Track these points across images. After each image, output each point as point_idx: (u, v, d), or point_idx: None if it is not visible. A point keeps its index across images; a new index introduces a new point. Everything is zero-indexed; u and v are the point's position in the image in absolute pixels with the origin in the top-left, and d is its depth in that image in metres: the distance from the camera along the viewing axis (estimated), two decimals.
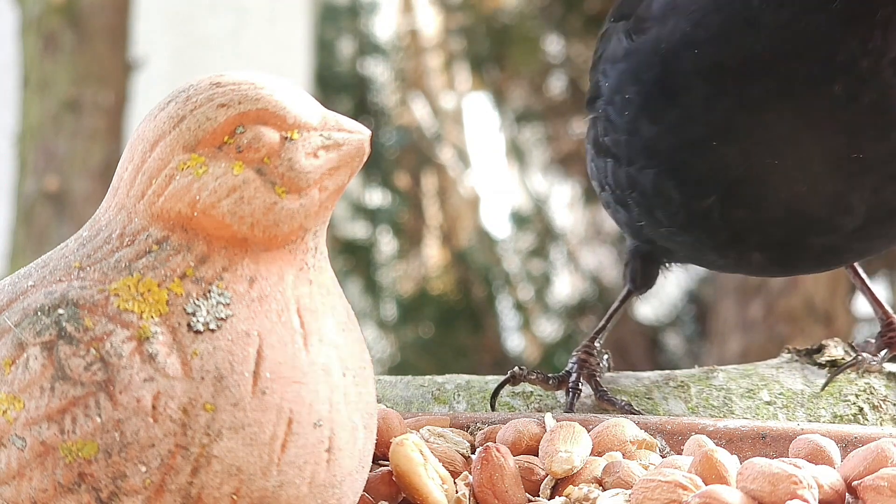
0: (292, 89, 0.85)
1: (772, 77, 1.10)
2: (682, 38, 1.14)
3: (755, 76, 1.10)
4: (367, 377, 0.86)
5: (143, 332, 0.80)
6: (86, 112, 3.41)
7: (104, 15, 3.46)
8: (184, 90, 0.84)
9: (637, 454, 0.99)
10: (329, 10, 5.46)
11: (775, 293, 3.75)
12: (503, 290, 5.33)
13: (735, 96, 1.11)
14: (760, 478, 0.86)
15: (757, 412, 1.20)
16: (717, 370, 1.25)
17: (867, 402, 1.22)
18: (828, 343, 1.28)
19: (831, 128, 1.10)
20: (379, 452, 0.93)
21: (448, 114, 5.54)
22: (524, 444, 1.00)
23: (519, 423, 1.01)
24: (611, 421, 1.02)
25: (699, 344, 4.89)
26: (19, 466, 0.80)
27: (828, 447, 0.97)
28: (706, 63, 1.12)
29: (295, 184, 0.83)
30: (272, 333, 0.82)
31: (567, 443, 0.97)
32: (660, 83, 1.15)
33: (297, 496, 0.82)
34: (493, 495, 0.92)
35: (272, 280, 0.83)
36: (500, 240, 5.48)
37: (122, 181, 0.84)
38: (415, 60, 5.59)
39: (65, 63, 3.42)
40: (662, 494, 0.88)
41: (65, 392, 0.79)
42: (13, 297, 0.83)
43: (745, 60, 1.11)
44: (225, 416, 0.80)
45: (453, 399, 1.21)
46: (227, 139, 0.83)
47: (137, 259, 0.82)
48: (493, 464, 0.93)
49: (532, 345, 5.39)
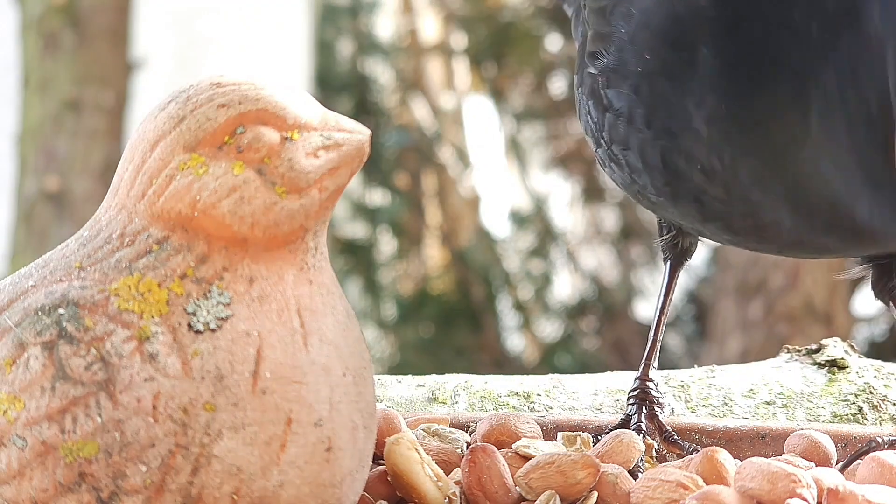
0: (292, 89, 0.85)
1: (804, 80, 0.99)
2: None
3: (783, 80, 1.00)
4: (367, 377, 0.86)
5: (143, 332, 0.80)
6: (86, 112, 3.41)
7: (104, 15, 3.47)
8: (184, 90, 0.84)
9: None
10: (329, 10, 5.46)
11: (775, 293, 3.75)
12: (503, 290, 5.33)
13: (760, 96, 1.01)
14: (759, 476, 0.86)
15: (756, 412, 1.20)
16: (716, 370, 1.25)
17: (867, 401, 1.22)
18: (827, 343, 1.28)
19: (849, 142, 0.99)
20: (379, 452, 0.93)
21: (448, 114, 5.54)
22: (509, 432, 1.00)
23: (499, 414, 1.01)
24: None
25: (699, 344, 4.89)
26: (20, 466, 0.80)
27: (824, 442, 0.97)
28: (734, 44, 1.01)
29: (295, 184, 0.83)
30: (272, 333, 0.82)
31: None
32: (683, 58, 1.04)
33: (298, 496, 0.82)
34: (484, 496, 0.92)
35: (272, 280, 0.83)
36: (500, 240, 5.48)
37: (122, 181, 0.85)
38: (415, 60, 5.59)
39: (65, 63, 3.42)
40: (663, 494, 0.88)
41: (65, 392, 0.79)
42: (14, 297, 0.83)
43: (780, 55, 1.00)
44: (225, 415, 0.80)
45: (453, 399, 1.21)
46: (227, 139, 0.83)
47: (138, 259, 0.82)
48: (480, 465, 0.93)
49: (532, 345, 5.39)
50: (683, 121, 1.05)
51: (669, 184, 1.07)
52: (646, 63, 1.06)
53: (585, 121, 1.14)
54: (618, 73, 1.08)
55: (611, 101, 1.09)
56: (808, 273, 3.70)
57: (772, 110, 1.01)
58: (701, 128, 1.04)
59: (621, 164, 1.10)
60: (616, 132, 1.09)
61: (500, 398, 1.21)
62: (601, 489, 0.92)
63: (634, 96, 1.07)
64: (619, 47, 1.08)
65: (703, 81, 1.03)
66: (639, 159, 1.08)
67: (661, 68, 1.05)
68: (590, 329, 5.37)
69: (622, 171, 1.11)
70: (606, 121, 1.10)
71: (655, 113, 1.06)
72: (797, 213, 1.03)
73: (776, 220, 1.04)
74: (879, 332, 4.89)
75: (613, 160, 1.11)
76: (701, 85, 1.03)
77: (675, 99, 1.05)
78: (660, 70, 1.05)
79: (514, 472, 0.93)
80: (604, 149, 1.12)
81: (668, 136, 1.06)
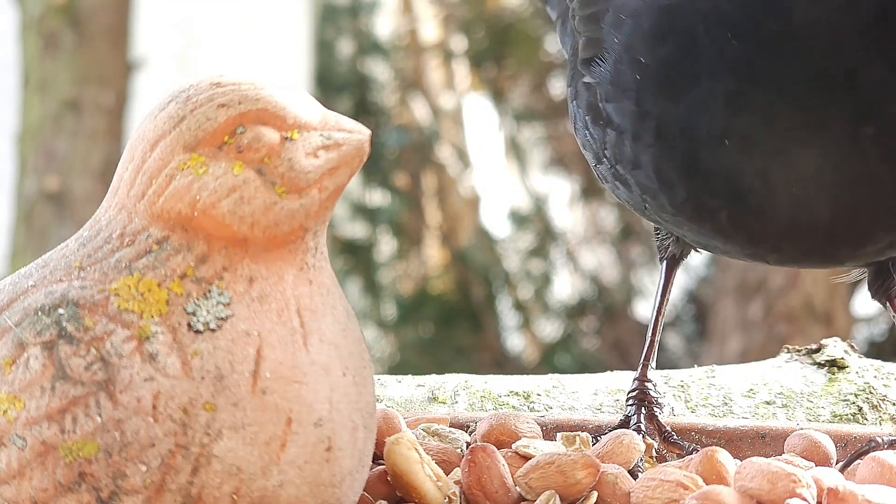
0: (292, 89, 0.85)
1: (810, 76, 0.96)
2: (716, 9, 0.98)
3: (791, 76, 0.97)
4: (367, 377, 0.86)
5: (143, 332, 0.80)
6: (86, 112, 3.41)
7: (104, 15, 3.47)
8: (184, 90, 0.84)
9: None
10: (329, 10, 5.46)
11: (775, 293, 3.75)
12: (503, 290, 5.33)
13: (761, 96, 0.98)
14: (759, 476, 0.86)
15: (756, 412, 1.20)
16: (716, 370, 1.25)
17: (866, 401, 1.22)
18: (827, 343, 1.28)
19: (861, 149, 0.97)
20: (379, 452, 0.93)
21: (448, 114, 5.54)
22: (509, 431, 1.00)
23: (499, 414, 1.01)
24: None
25: (699, 344, 4.89)
26: (20, 466, 0.80)
27: (824, 442, 0.97)
28: (736, 46, 0.97)
29: (295, 184, 0.83)
30: (272, 333, 0.82)
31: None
32: (683, 50, 0.99)
33: (297, 496, 0.82)
34: (484, 496, 0.92)
35: (272, 280, 0.83)
36: (500, 239, 5.48)
37: (122, 181, 0.85)
38: (415, 60, 5.59)
39: (65, 63, 3.42)
40: (663, 494, 0.88)
41: (65, 392, 0.79)
42: (14, 297, 0.83)
43: (781, 53, 0.96)
44: (225, 415, 0.80)
45: (453, 399, 1.21)
46: (227, 139, 0.83)
47: (138, 259, 0.82)
48: (480, 465, 0.93)
49: (532, 344, 5.39)
50: (703, 124, 1.00)
51: (690, 199, 1.03)
52: (645, 70, 1.02)
53: (583, 135, 1.10)
54: (616, 87, 1.04)
55: (611, 117, 1.05)
56: (808, 273, 3.70)
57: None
58: (724, 127, 0.99)
59: (629, 183, 1.06)
60: (621, 150, 1.05)
61: (500, 398, 1.21)
62: (601, 489, 0.92)
63: (636, 109, 1.03)
64: (615, 58, 1.04)
65: (714, 75, 0.99)
66: (653, 177, 1.04)
67: (663, 71, 1.01)
68: (590, 329, 5.38)
69: (629, 191, 1.07)
70: (608, 138, 1.06)
71: (666, 123, 1.02)
72: (835, 220, 1.01)
73: (811, 225, 1.02)
74: (879, 332, 4.89)
75: (618, 179, 1.07)
76: (712, 79, 0.99)
77: (684, 103, 1.00)
78: (662, 74, 1.01)
79: (514, 472, 0.93)
80: (606, 166, 1.08)
81: (688, 144, 1.01)
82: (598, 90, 1.06)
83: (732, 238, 1.05)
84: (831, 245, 1.03)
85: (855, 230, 1.02)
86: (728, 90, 0.98)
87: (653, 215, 1.08)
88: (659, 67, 1.01)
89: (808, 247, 1.04)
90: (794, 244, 1.04)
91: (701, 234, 1.06)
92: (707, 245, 1.10)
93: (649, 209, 1.07)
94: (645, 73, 1.02)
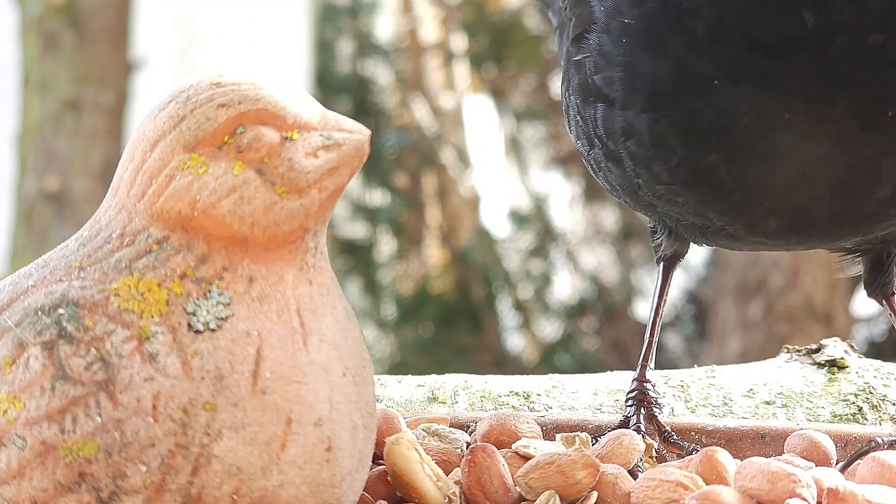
0: (292, 89, 0.85)
1: (798, 14, 0.95)
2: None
3: (777, 12, 0.96)
4: (367, 377, 0.86)
5: (143, 332, 0.80)
6: (86, 112, 3.41)
7: (104, 15, 3.47)
8: (184, 90, 0.84)
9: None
10: (329, 11, 5.46)
11: (775, 293, 3.75)
12: (503, 290, 5.33)
13: (747, 33, 0.97)
14: (759, 476, 0.86)
15: (756, 412, 1.20)
16: (716, 370, 1.25)
17: (866, 401, 1.22)
18: (827, 343, 1.28)
19: (863, 81, 0.96)
20: (379, 452, 0.93)
21: (448, 114, 5.54)
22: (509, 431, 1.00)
23: (499, 414, 1.01)
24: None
25: (699, 344, 4.89)
26: (20, 466, 0.80)
27: (824, 442, 0.97)
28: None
29: (295, 184, 0.83)
30: (272, 333, 0.82)
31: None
32: (664, 3, 0.99)
33: (297, 496, 0.82)
34: (484, 496, 0.92)
35: (272, 280, 0.83)
36: (500, 239, 5.48)
37: (122, 181, 0.85)
38: (415, 60, 5.59)
39: (65, 63, 3.42)
40: (663, 494, 0.88)
41: (65, 392, 0.80)
42: (13, 297, 0.83)
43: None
44: (225, 415, 0.80)
45: (453, 399, 1.21)
46: (227, 139, 0.83)
47: (137, 259, 0.82)
48: (480, 465, 0.93)
49: (532, 345, 5.39)
50: (692, 68, 0.99)
51: (686, 160, 1.02)
52: (631, 30, 1.02)
53: (575, 123, 1.10)
54: (605, 56, 1.04)
55: (601, 90, 1.05)
56: (807, 273, 3.70)
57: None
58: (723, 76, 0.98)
59: (621, 158, 1.06)
60: (611, 122, 1.05)
61: (500, 398, 1.21)
62: (601, 489, 0.92)
63: (626, 74, 1.02)
64: (602, 27, 1.04)
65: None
66: (646, 143, 1.03)
67: (647, 27, 1.01)
68: (589, 329, 5.37)
69: (621, 168, 1.06)
70: (598, 114, 1.06)
71: (658, 79, 1.01)
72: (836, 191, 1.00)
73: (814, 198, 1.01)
74: (879, 332, 4.89)
75: (611, 157, 1.07)
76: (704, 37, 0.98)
77: (671, 51, 1.00)
78: (647, 30, 1.01)
79: (514, 472, 0.93)
80: (598, 147, 1.07)
81: (681, 96, 1.00)
82: (587, 65, 1.06)
83: (730, 200, 1.03)
84: (834, 193, 1.01)
85: (863, 176, 1.00)
86: (709, 24, 0.98)
87: (646, 194, 1.07)
88: (644, 25, 1.01)
89: (811, 195, 1.02)
90: (796, 198, 1.02)
91: (698, 203, 1.05)
92: (704, 221, 1.08)
93: (643, 186, 1.06)
94: (631, 34, 1.01)
